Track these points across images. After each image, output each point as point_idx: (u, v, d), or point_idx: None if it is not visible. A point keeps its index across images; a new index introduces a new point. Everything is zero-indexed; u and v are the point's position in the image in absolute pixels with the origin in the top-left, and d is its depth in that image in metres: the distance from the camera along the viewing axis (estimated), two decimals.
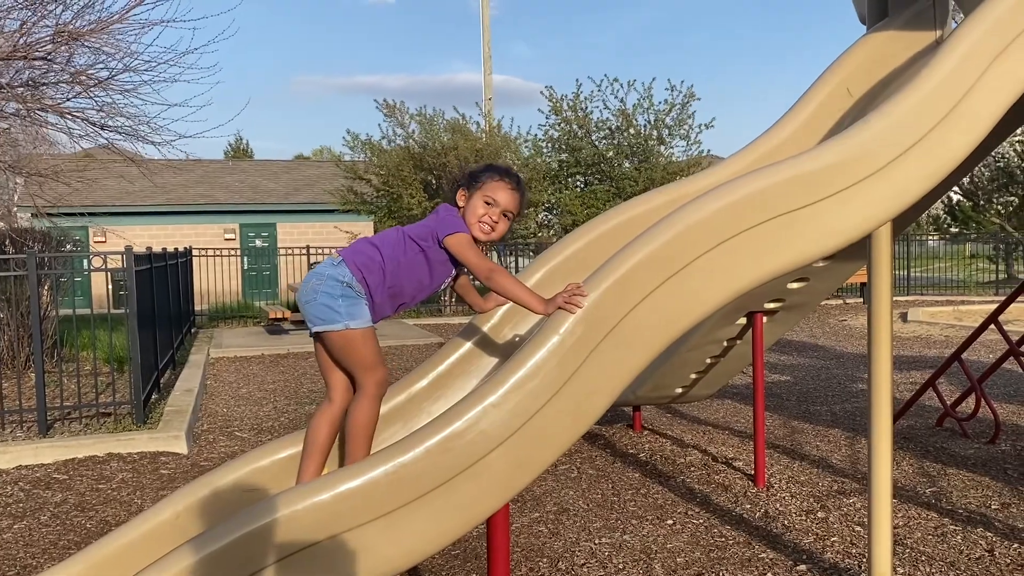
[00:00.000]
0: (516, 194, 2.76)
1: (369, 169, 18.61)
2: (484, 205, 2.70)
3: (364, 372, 2.59)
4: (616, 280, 2.20)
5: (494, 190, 2.71)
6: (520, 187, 2.79)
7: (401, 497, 2.09)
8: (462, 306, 17.55)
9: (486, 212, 2.70)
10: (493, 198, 2.71)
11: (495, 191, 2.71)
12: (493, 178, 2.74)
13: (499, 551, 2.45)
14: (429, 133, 17.94)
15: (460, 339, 2.91)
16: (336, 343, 2.60)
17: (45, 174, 8.41)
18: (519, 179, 2.81)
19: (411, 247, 2.70)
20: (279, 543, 2.06)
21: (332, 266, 2.65)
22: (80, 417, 6.99)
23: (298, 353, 11.88)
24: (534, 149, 18.63)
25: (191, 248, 14.99)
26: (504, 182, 2.74)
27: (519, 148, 18.56)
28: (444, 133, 17.85)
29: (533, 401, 2.13)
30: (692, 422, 6.74)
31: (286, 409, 7.94)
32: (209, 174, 26.92)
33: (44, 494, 5.31)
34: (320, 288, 2.60)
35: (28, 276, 6.74)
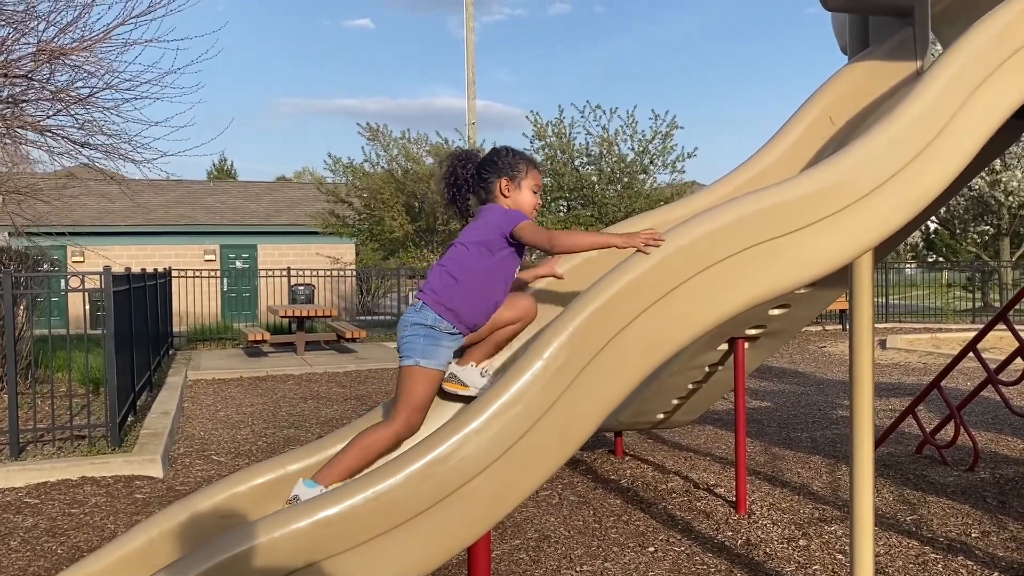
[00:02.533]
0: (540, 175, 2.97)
1: (351, 192, 18.59)
2: (533, 195, 2.88)
3: (406, 407, 2.61)
4: (600, 306, 2.20)
5: (536, 177, 2.90)
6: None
7: (382, 524, 2.06)
8: None
9: (536, 201, 2.89)
10: (539, 186, 2.91)
11: (536, 177, 2.91)
12: (531, 167, 2.91)
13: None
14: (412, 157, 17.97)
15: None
16: (403, 374, 2.70)
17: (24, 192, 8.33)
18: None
19: (480, 252, 2.79)
20: (256, 571, 2.02)
21: (416, 312, 2.78)
22: (54, 440, 6.87)
23: (276, 376, 11.78)
24: None
25: (170, 269, 14.87)
26: (538, 170, 2.94)
27: None
28: (427, 157, 17.89)
29: (517, 427, 2.11)
30: (674, 448, 6.73)
31: (264, 432, 7.85)
32: (190, 194, 26.79)
33: (14, 519, 5.20)
34: (406, 334, 2.75)
35: (3, 296, 6.64)
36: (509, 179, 2.87)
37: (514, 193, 2.86)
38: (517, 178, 2.86)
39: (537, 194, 2.91)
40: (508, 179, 2.87)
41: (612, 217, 17.24)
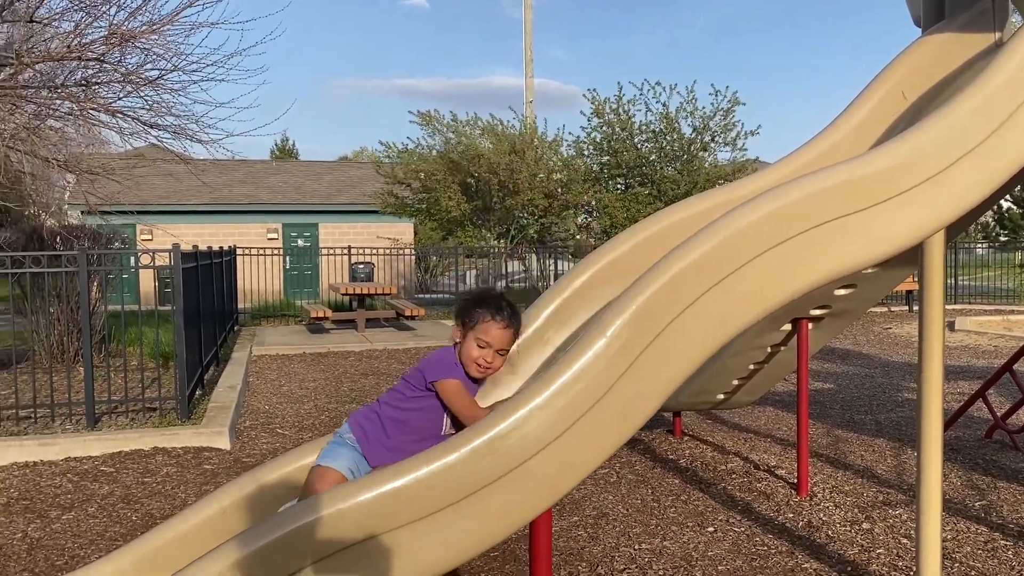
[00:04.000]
0: (509, 331, 2.68)
1: (407, 175, 18.74)
2: (478, 348, 2.64)
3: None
4: (663, 284, 2.18)
5: (487, 331, 2.64)
6: (513, 320, 2.69)
7: (445, 499, 2.10)
8: None
9: (480, 355, 2.64)
10: (486, 340, 2.64)
11: (487, 332, 2.64)
12: (485, 317, 2.65)
13: (541, 554, 2.44)
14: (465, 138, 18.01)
15: None
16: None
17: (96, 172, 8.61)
18: (512, 311, 2.71)
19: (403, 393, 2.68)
20: (322, 541, 2.07)
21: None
22: (127, 411, 7.12)
23: (338, 352, 11.99)
24: (575, 151, 18.60)
25: (235, 247, 15.20)
26: (496, 321, 2.66)
27: (559, 150, 18.54)
28: (482, 138, 17.90)
29: (578, 405, 2.12)
30: (733, 429, 6.66)
31: (327, 407, 8.01)
32: (254, 174, 27.30)
33: (92, 486, 5.42)
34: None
35: (79, 272, 6.89)
36: (460, 325, 2.73)
37: (462, 339, 2.71)
38: (468, 325, 2.70)
39: (486, 349, 2.65)
40: (459, 325, 2.74)
41: (671, 195, 17.04)
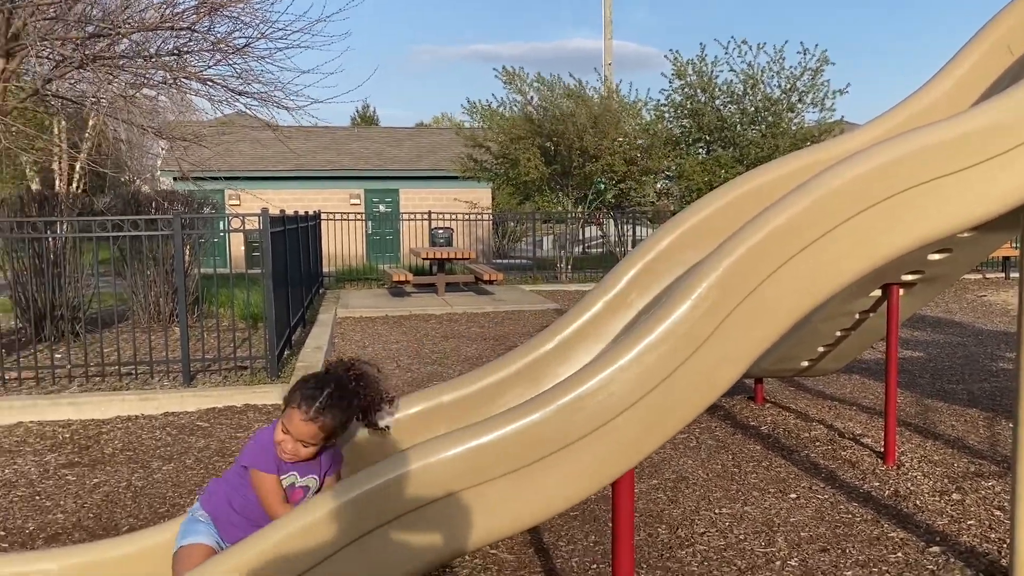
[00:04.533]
0: (311, 425, 2.47)
1: (488, 136, 18.74)
2: (281, 433, 2.52)
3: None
4: (753, 246, 2.16)
5: (289, 419, 2.50)
6: (320, 416, 2.47)
7: (531, 455, 2.14)
8: (579, 272, 17.55)
9: (282, 440, 2.52)
10: (287, 428, 2.50)
11: (290, 419, 2.49)
12: (292, 404, 2.51)
13: (623, 512, 2.47)
14: (548, 100, 17.88)
15: (586, 303, 2.92)
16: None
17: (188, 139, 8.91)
18: (323, 406, 2.49)
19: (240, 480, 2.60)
20: (408, 496, 2.14)
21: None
22: (220, 369, 7.43)
23: (419, 315, 12.20)
24: (655, 114, 18.27)
25: (319, 212, 15.54)
26: (299, 411, 2.48)
27: (639, 113, 18.25)
28: (563, 100, 17.74)
29: (665, 365, 2.13)
30: (817, 396, 6.55)
31: (410, 367, 8.19)
32: (336, 141, 27.77)
33: (188, 439, 5.70)
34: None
35: (173, 236, 7.17)
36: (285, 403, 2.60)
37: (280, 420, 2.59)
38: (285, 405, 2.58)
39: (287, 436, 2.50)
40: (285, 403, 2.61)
41: (753, 158, 16.61)
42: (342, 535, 2.10)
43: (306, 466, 2.57)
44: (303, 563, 2.10)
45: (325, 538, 2.11)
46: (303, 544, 2.10)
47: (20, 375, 7.02)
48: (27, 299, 8.74)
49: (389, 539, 2.15)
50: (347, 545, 2.11)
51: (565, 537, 3.94)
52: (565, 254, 17.63)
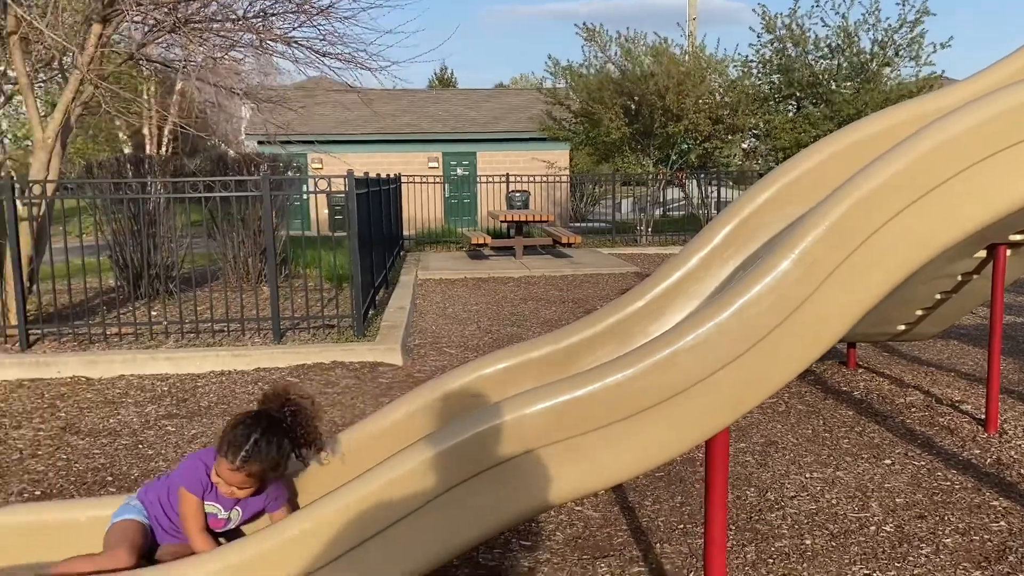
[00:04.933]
0: (238, 474, 2.44)
1: (569, 95, 18.51)
2: (216, 475, 2.51)
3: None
4: (860, 199, 2.06)
5: (219, 465, 2.48)
6: (246, 464, 2.44)
7: (624, 410, 2.11)
8: (659, 235, 17.29)
9: (217, 482, 2.51)
10: (219, 473, 2.49)
11: (220, 467, 2.48)
12: (220, 452, 2.48)
13: (718, 471, 2.42)
14: (630, 57, 17.52)
15: (679, 260, 2.85)
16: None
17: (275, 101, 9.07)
18: (249, 455, 2.44)
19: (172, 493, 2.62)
20: (503, 447, 2.15)
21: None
22: (308, 328, 7.61)
23: (498, 278, 12.24)
24: (742, 71, 17.69)
25: (400, 175, 15.68)
26: (226, 460, 2.45)
27: (725, 70, 17.72)
28: (645, 57, 17.36)
29: (767, 320, 2.06)
30: (912, 362, 6.31)
31: (489, 329, 8.24)
32: (415, 103, 27.89)
33: None
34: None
35: (263, 198, 7.33)
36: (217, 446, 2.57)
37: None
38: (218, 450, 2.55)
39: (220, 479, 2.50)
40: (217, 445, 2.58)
41: (845, 115, 15.97)
42: (435, 486, 2.12)
43: (234, 502, 2.57)
44: (394, 512, 2.12)
45: (416, 489, 2.13)
46: (394, 494, 2.13)
47: (120, 331, 7.33)
48: (125, 259, 9.11)
49: (480, 491, 2.16)
50: (438, 496, 2.14)
51: (651, 497, 3.92)
52: (645, 217, 17.36)
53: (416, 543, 2.13)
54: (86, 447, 4.76)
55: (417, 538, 2.12)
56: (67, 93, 7.54)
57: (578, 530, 3.58)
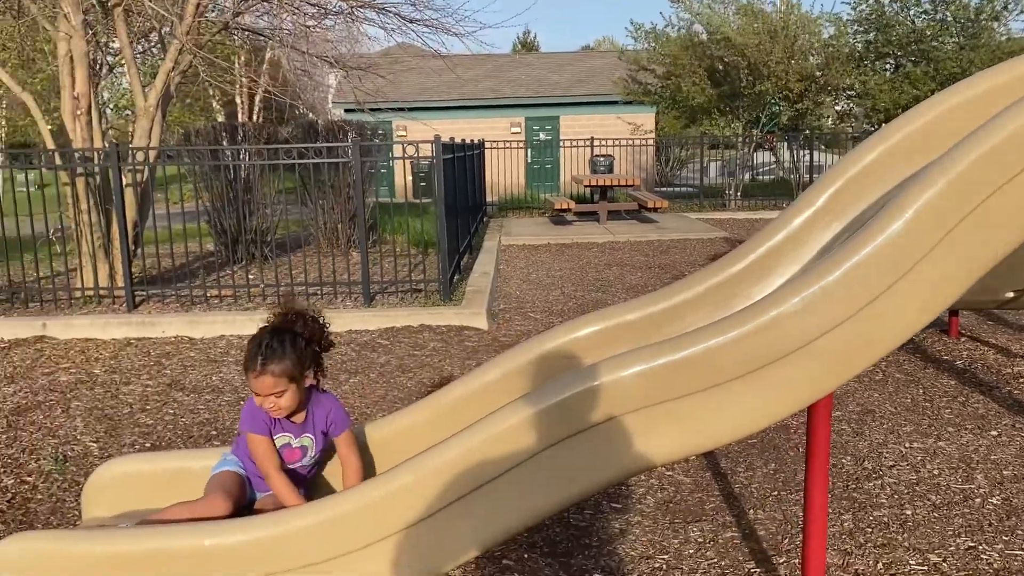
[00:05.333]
0: (265, 378, 2.52)
1: (653, 59, 18.13)
2: (256, 398, 2.58)
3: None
4: (987, 152, 1.95)
5: (251, 384, 2.56)
6: (266, 366, 2.52)
7: (725, 373, 2.08)
8: (748, 200, 16.88)
9: (261, 403, 2.57)
10: (255, 392, 2.57)
11: (252, 384, 2.55)
12: (248, 372, 2.56)
13: (820, 437, 2.38)
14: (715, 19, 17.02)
15: (781, 221, 2.77)
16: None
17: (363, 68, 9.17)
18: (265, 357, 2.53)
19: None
20: (600, 408, 2.15)
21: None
22: (396, 292, 7.75)
23: (581, 243, 12.18)
24: (837, 29, 16.98)
25: (483, 141, 15.70)
26: (250, 374, 2.54)
27: (818, 29, 17.03)
28: (735, 18, 16.82)
29: (876, 283, 1.99)
30: (1019, 331, 6.03)
31: (573, 295, 8.23)
32: (498, 68, 27.81)
33: (371, 355, 6.00)
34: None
35: (353, 164, 7.46)
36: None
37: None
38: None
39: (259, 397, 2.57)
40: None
41: (948, 74, 15.18)
42: (534, 444, 2.14)
43: (300, 427, 2.65)
44: (494, 469, 2.15)
45: (516, 447, 2.15)
46: (494, 451, 2.15)
47: (220, 293, 7.61)
48: (222, 224, 9.42)
49: (578, 450, 2.17)
50: (537, 454, 2.15)
51: (743, 463, 3.88)
52: (734, 181, 16.95)
53: (514, 500, 2.16)
54: (191, 402, 4.99)
55: (515, 495, 2.15)
56: (167, 62, 7.79)
57: (669, 494, 3.57)
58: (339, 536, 2.17)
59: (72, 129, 7.65)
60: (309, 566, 2.19)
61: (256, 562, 2.17)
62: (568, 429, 2.16)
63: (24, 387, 5.39)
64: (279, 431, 2.63)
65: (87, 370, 5.77)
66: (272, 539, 2.17)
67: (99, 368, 5.82)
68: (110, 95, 20.76)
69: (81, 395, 5.18)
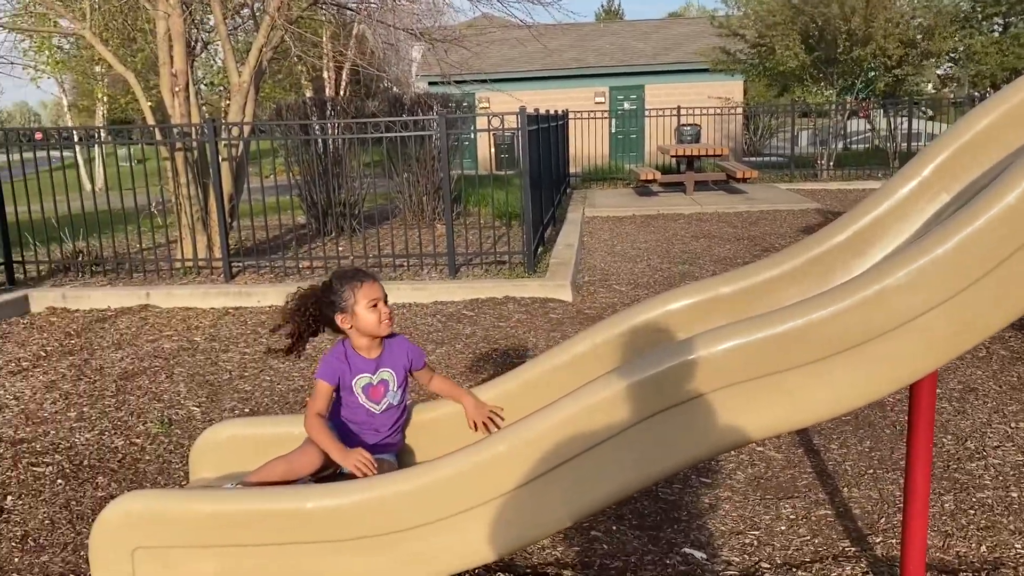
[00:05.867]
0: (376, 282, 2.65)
1: (744, 24, 17.59)
2: (373, 311, 2.60)
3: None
4: None
5: (362, 292, 2.60)
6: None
7: (826, 348, 2.02)
8: (841, 170, 16.31)
9: (380, 313, 2.61)
10: (375, 299, 2.61)
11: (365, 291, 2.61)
12: (356, 287, 2.61)
13: (923, 416, 2.30)
14: None
15: (885, 192, 2.66)
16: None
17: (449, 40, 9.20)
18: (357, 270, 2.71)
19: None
20: (697, 381, 2.12)
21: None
22: (481, 263, 7.81)
23: (667, 215, 12.01)
24: None
25: (567, 111, 15.57)
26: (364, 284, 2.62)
27: None
28: None
29: (990, 255, 1.89)
30: None
31: (659, 267, 8.13)
32: (581, 37, 27.47)
33: (456, 326, 6.08)
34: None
35: (439, 137, 7.51)
36: (342, 312, 2.65)
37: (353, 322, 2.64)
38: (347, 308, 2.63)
39: (379, 306, 2.61)
40: (341, 312, 2.65)
41: None
42: (629, 416, 2.13)
43: (375, 362, 2.69)
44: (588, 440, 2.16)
45: (611, 418, 2.14)
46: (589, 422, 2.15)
47: (312, 264, 7.82)
48: (312, 197, 9.65)
49: (672, 424, 2.15)
50: (633, 426, 2.14)
51: (837, 440, 3.79)
52: (826, 150, 16.38)
53: (607, 472, 2.16)
54: (286, 370, 5.15)
55: (608, 467, 2.15)
56: (259, 38, 7.98)
57: (759, 470, 3.52)
58: (432, 503, 2.22)
59: (171, 105, 7.93)
60: (400, 531, 2.25)
61: (352, 526, 2.24)
62: (664, 402, 2.14)
63: (131, 353, 5.66)
64: (356, 373, 2.68)
65: (188, 337, 6.02)
66: (368, 502, 2.24)
67: (199, 336, 6.06)
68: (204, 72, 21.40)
69: (183, 361, 5.42)
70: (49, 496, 3.56)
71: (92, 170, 22.91)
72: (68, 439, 4.16)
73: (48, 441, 4.15)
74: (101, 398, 4.75)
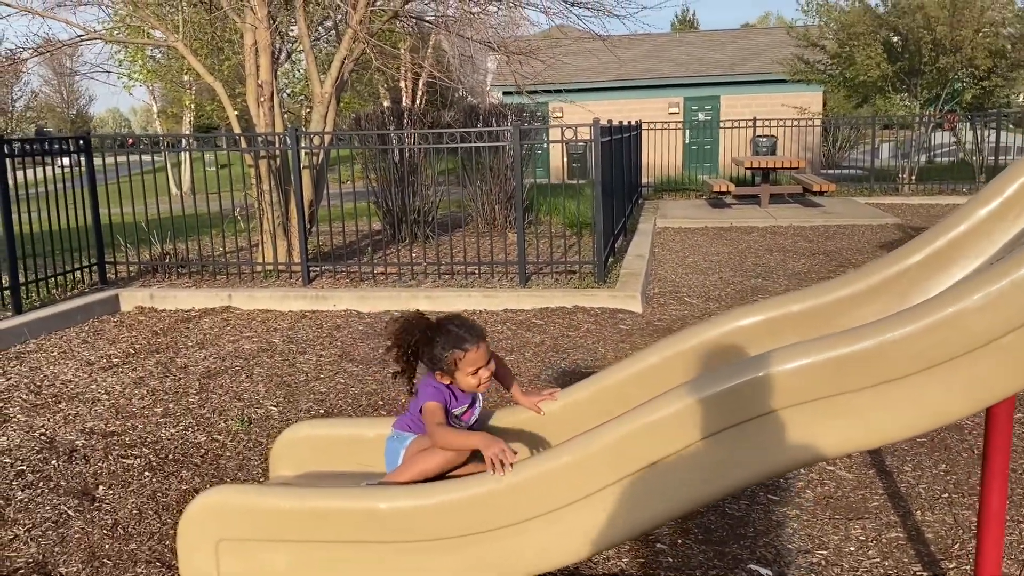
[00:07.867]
0: (485, 344, 2.56)
1: (823, 34, 17.25)
2: (474, 376, 2.55)
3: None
4: None
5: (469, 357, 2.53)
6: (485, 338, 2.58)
7: (902, 369, 2.01)
8: (923, 184, 15.83)
9: (481, 377, 2.56)
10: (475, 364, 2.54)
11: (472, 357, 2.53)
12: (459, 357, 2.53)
13: (1000, 440, 2.26)
14: None
15: (965, 211, 2.61)
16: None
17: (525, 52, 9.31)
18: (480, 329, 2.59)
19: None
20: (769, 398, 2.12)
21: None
22: (551, 272, 7.86)
23: (741, 227, 11.86)
24: None
25: (640, 122, 15.53)
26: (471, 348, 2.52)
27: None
28: None
29: None
30: None
31: (731, 280, 8.05)
32: (656, 48, 27.33)
33: (526, 335, 6.14)
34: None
35: (512, 147, 7.61)
36: (441, 371, 2.60)
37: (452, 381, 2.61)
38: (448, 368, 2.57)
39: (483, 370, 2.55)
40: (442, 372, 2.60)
41: None
42: (697, 431, 2.16)
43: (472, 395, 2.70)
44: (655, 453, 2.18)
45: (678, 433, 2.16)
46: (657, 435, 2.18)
47: (386, 270, 8.00)
48: (388, 204, 9.86)
49: (742, 440, 2.16)
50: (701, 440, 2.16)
51: (911, 462, 3.72)
52: (908, 163, 15.92)
53: (675, 485, 2.18)
54: (360, 373, 5.30)
55: (676, 481, 2.18)
56: (341, 50, 8.22)
57: (829, 489, 3.48)
58: (499, 510, 2.28)
59: (256, 114, 8.22)
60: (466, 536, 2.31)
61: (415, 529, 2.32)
62: (733, 418, 2.16)
63: (213, 353, 5.90)
64: (455, 405, 2.75)
65: (267, 339, 6.23)
66: (438, 507, 2.31)
67: (278, 338, 6.27)
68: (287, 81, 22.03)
69: (263, 362, 5.62)
70: (137, 487, 3.75)
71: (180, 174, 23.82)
72: (155, 433, 4.37)
73: (136, 435, 4.36)
74: (185, 395, 4.97)
